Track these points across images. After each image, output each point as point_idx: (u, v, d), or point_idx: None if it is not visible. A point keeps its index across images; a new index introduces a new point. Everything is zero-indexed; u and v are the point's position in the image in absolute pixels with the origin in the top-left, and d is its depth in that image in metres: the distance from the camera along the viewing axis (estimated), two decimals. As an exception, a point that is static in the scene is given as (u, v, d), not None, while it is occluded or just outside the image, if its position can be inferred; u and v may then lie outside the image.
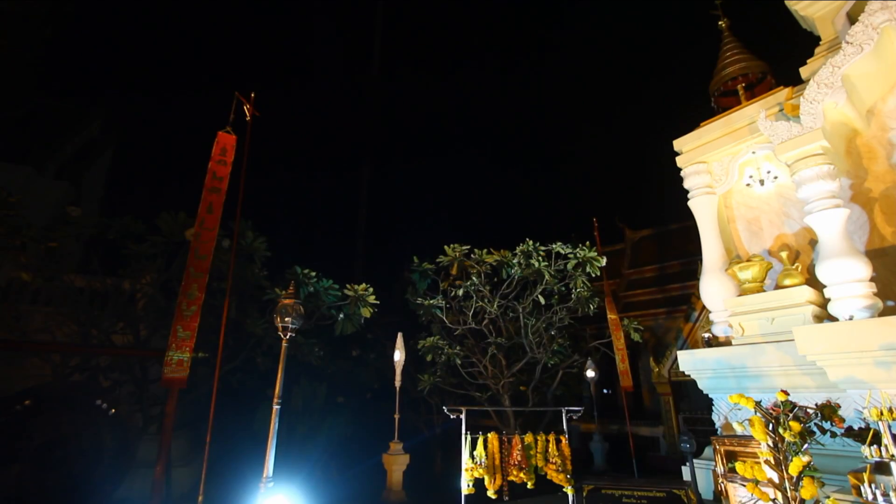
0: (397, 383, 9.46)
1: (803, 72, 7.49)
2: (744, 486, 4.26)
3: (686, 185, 8.63)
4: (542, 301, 9.48)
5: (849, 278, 6.12)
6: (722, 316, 7.89)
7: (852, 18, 6.85)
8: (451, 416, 5.33)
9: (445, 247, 10.81)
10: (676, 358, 9.21)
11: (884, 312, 6.04)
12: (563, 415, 5.14)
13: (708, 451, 7.50)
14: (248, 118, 8.12)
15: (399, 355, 9.54)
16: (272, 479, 5.28)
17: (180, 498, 9.08)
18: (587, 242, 9.21)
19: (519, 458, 4.95)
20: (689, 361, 7.69)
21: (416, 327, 12.32)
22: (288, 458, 9.85)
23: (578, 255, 9.13)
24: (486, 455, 4.97)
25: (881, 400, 5.36)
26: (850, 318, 5.83)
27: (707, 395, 7.82)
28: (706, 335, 8.10)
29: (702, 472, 7.32)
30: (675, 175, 9.00)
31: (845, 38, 6.58)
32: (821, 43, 7.61)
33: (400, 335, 9.66)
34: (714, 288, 8.01)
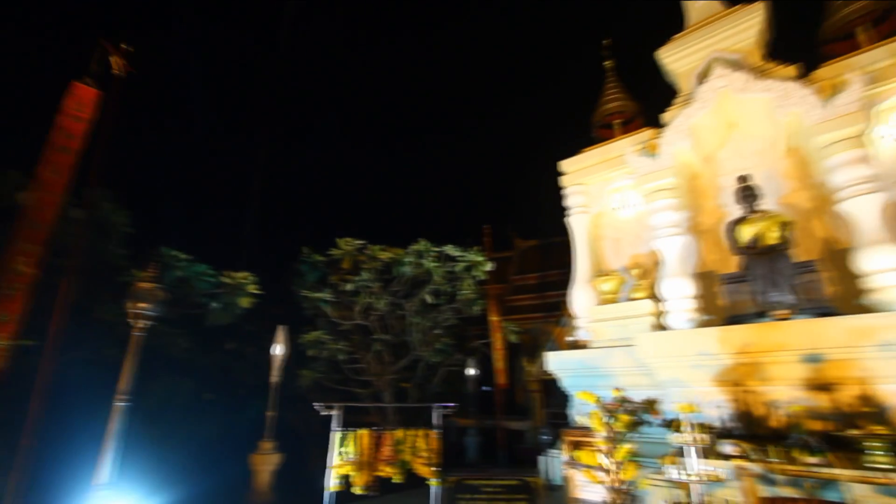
0: (274, 379, 8.98)
1: (664, 117, 8.73)
2: (582, 471, 4.86)
3: (566, 202, 9.56)
4: (430, 300, 9.76)
5: (679, 295, 7.32)
6: (585, 322, 8.86)
7: (702, 79, 8.16)
8: (324, 413, 5.23)
9: (339, 240, 10.56)
10: (546, 358, 10.11)
11: (702, 325, 7.31)
12: (435, 411, 5.37)
13: (563, 442, 8.38)
14: (117, 71, 7.07)
15: (279, 349, 9.06)
16: (110, 484, 4.66)
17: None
18: (476, 247, 9.73)
19: (389, 454, 5.04)
20: (554, 362, 8.53)
21: (301, 321, 11.82)
22: (140, 460, 8.78)
23: (468, 258, 9.60)
24: (357, 451, 4.96)
25: (693, 396, 6.50)
26: (677, 329, 6.98)
27: (567, 391, 8.73)
28: (570, 338, 9.04)
29: (557, 462, 8.15)
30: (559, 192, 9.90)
31: (695, 94, 7.86)
32: (679, 95, 8.95)
33: (281, 328, 9.18)
34: (580, 296, 8.97)
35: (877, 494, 4.45)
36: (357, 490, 4.99)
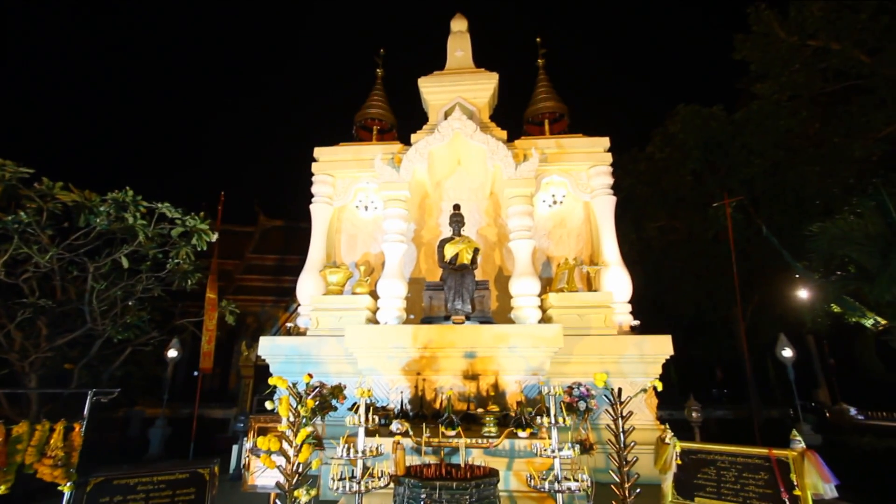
0: None
1: (413, 137, 9.80)
2: (261, 456, 4.85)
3: (313, 190, 9.52)
4: (127, 264, 7.96)
5: (393, 295, 8.29)
6: (308, 310, 8.97)
7: (446, 116, 9.57)
8: None
9: (-13, 160, 7.49)
10: (262, 343, 9.73)
11: (406, 323, 8.47)
12: (89, 398, 4.36)
13: (260, 428, 8.18)
14: None
15: None
16: None
17: None
18: (202, 213, 8.50)
19: (-5, 456, 3.75)
20: (268, 347, 8.29)
21: None
22: None
23: (188, 223, 8.29)
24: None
25: (385, 383, 7.42)
26: (381, 325, 7.87)
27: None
28: (289, 324, 8.98)
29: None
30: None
31: (439, 126, 9.12)
32: (428, 122, 10.24)
33: None
34: (308, 284, 9.05)
35: (485, 455, 6.08)
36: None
